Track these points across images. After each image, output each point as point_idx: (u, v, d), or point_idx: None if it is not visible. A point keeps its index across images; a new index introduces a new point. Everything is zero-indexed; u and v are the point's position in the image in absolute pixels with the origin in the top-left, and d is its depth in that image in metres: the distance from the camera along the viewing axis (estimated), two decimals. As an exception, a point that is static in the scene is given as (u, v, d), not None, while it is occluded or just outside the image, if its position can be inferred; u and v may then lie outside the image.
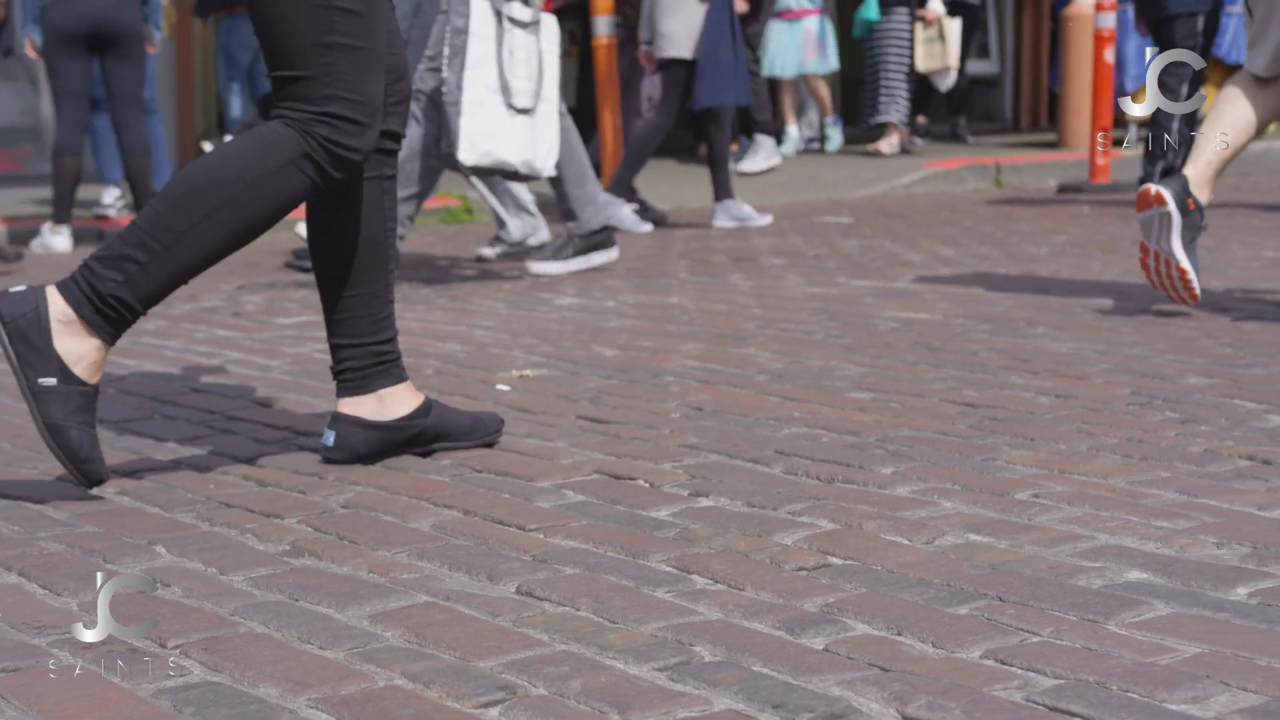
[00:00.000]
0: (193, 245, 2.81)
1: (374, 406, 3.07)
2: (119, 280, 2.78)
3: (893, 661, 1.99)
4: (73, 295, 2.78)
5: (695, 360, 4.12)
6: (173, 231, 2.79)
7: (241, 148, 2.86)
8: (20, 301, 2.76)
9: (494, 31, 5.59)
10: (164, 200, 2.82)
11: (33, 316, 2.75)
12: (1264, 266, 5.84)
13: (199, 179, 2.83)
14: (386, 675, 1.97)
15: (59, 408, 2.75)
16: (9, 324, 2.75)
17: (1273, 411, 3.36)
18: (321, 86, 2.85)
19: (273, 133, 2.86)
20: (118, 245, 2.80)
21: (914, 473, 2.92)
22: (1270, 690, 1.86)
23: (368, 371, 3.08)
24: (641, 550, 2.48)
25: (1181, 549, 2.43)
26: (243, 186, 2.82)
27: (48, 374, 2.75)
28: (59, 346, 2.76)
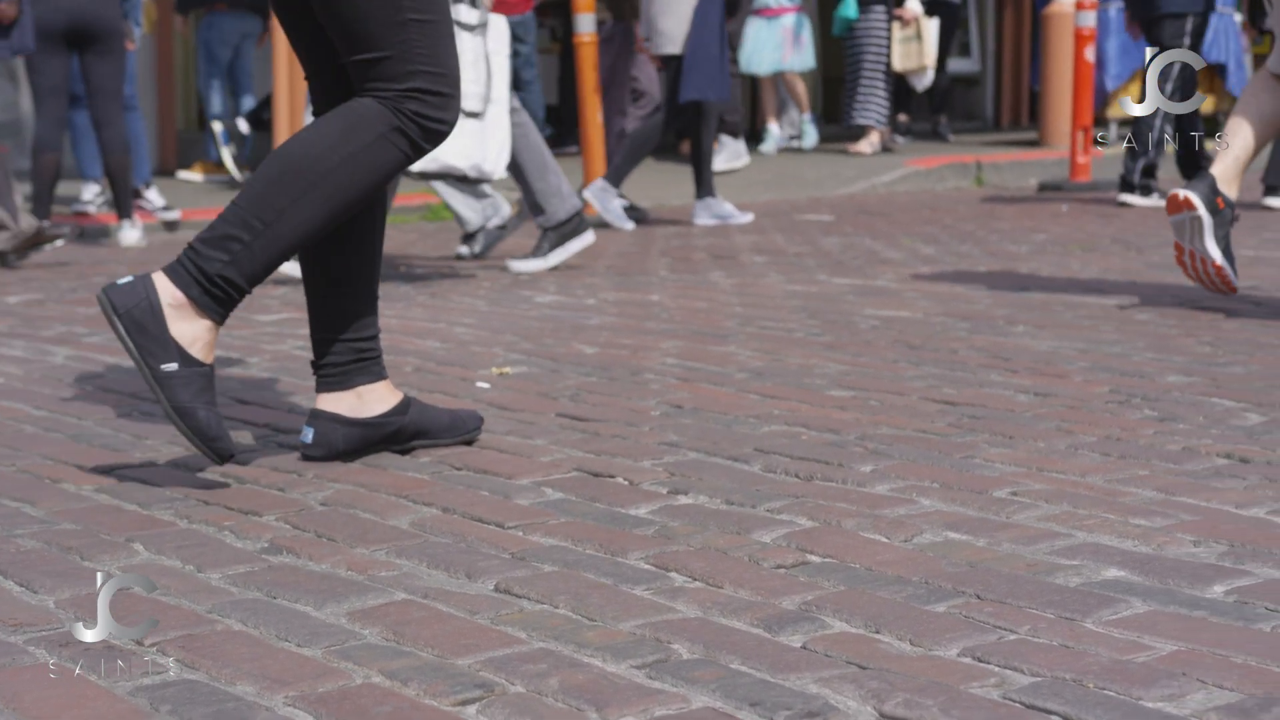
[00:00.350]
0: (294, 221, 2.85)
1: (353, 403, 3.07)
2: (225, 260, 2.82)
3: (870, 659, 1.99)
4: (181, 278, 2.81)
5: (675, 358, 4.13)
6: (274, 209, 2.84)
7: (334, 124, 2.90)
8: (130, 292, 2.79)
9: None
10: (262, 179, 2.87)
11: (145, 305, 2.79)
12: (1242, 265, 5.85)
13: (295, 156, 2.87)
14: (364, 673, 1.97)
15: (184, 391, 2.80)
16: (124, 315, 2.78)
17: (1250, 410, 3.37)
18: (403, 64, 2.89)
19: (364, 108, 2.91)
20: (221, 226, 2.84)
21: (893, 471, 2.93)
22: (1246, 688, 1.87)
23: (349, 367, 3.08)
24: (620, 548, 2.48)
25: (1159, 547, 2.44)
26: (337, 161, 2.87)
27: (168, 360, 2.80)
28: (174, 331, 2.80)
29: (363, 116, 2.90)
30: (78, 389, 3.86)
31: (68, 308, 5.36)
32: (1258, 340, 4.21)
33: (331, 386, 3.08)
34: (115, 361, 4.23)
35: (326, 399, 3.07)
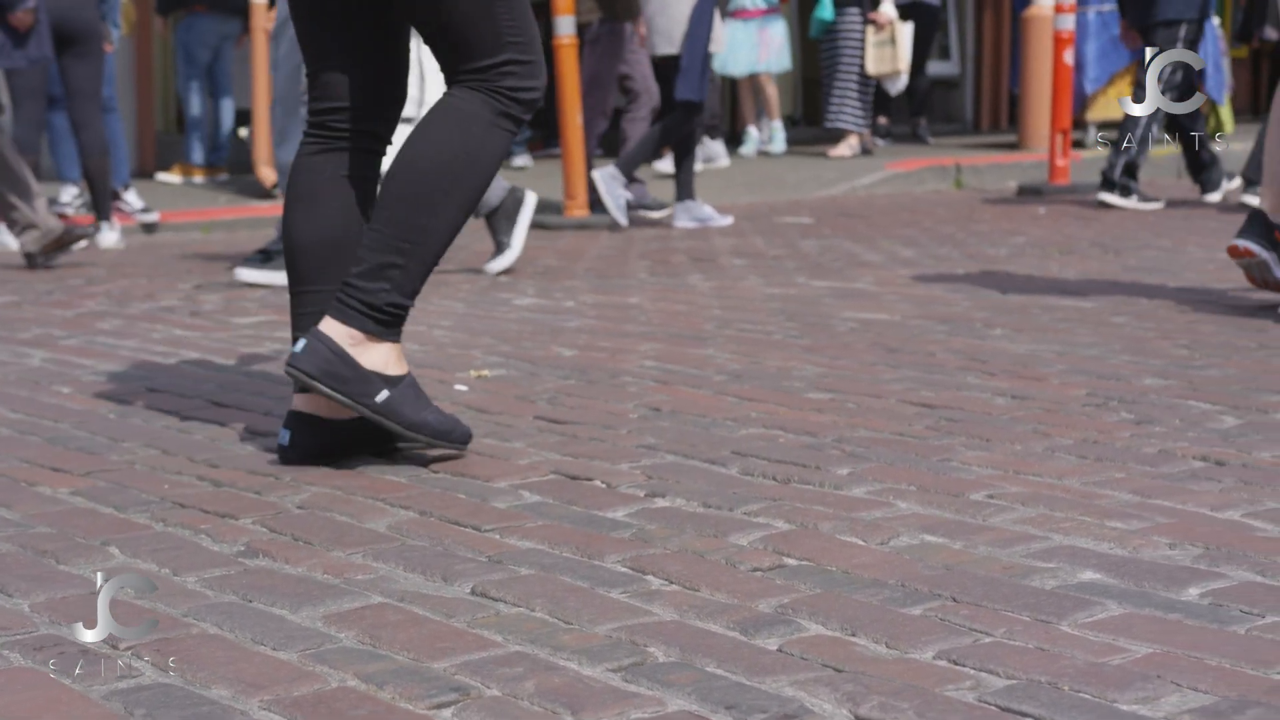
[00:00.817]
0: (440, 232, 2.98)
1: (330, 404, 3.05)
2: (387, 288, 2.96)
3: (846, 662, 1.99)
4: (350, 317, 2.96)
5: (653, 361, 4.13)
6: (418, 227, 2.95)
7: (444, 128, 2.98)
8: (313, 354, 2.94)
9: None
10: (394, 201, 2.97)
11: (331, 358, 2.94)
12: (1220, 268, 5.87)
13: (421, 170, 2.97)
14: (339, 676, 1.97)
15: (404, 408, 2.98)
16: (322, 377, 2.93)
17: (1227, 412, 3.38)
18: (495, 37, 2.97)
19: (462, 102, 2.99)
20: (373, 256, 2.95)
21: (870, 473, 2.93)
22: (1220, 690, 1.88)
23: None
24: (597, 551, 2.48)
25: (1134, 550, 2.44)
26: (462, 165, 2.97)
27: (377, 391, 2.96)
28: (367, 364, 2.96)
29: (468, 113, 2.98)
30: (54, 392, 3.85)
31: (44, 310, 5.34)
32: (1234, 343, 4.23)
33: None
34: (92, 363, 4.22)
35: (304, 399, 3.05)
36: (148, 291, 5.73)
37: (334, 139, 3.09)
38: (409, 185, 2.96)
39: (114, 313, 5.22)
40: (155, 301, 5.50)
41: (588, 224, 8.02)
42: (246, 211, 8.35)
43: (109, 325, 4.95)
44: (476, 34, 2.97)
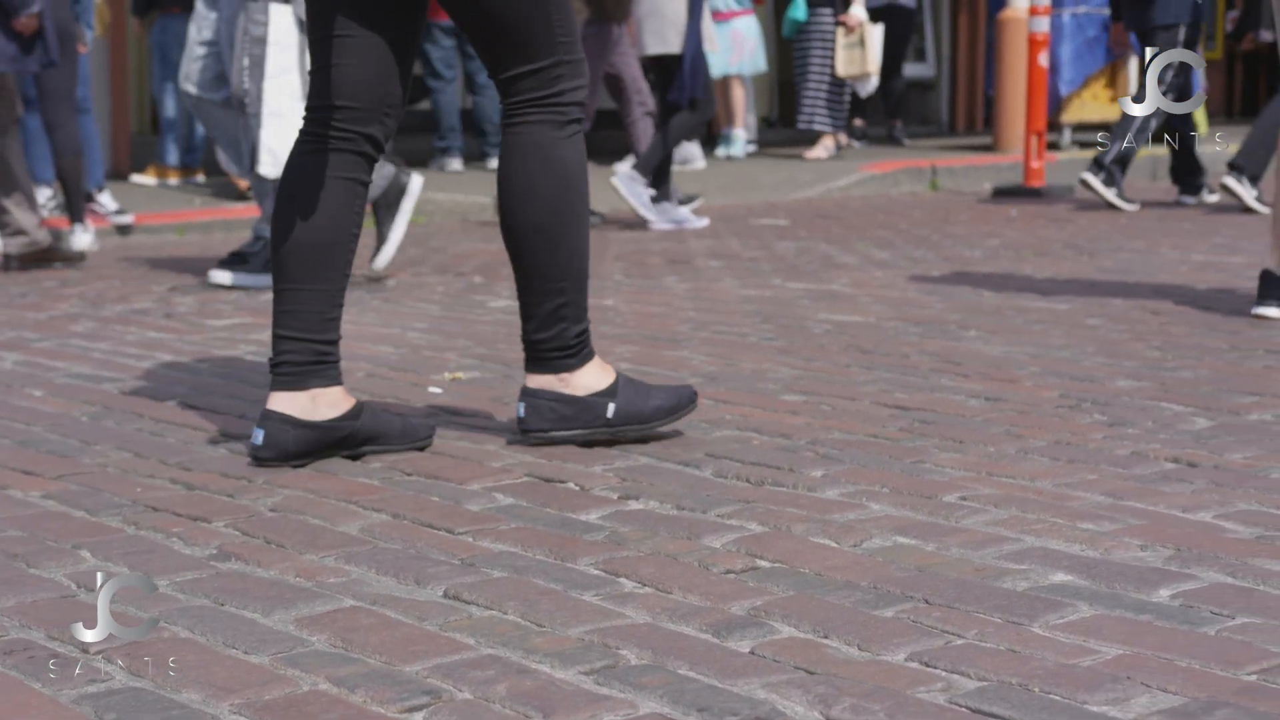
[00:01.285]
0: (579, 253, 3.14)
1: (305, 405, 3.05)
2: (565, 324, 3.15)
3: (818, 664, 2.00)
4: (549, 365, 3.16)
5: (628, 362, 4.13)
6: (560, 264, 3.12)
7: (532, 166, 3.10)
8: (537, 412, 3.16)
9: (296, 39, 5.50)
10: (528, 250, 3.12)
11: (552, 406, 3.15)
12: (1193, 270, 5.90)
13: (535, 217, 3.10)
14: (311, 680, 1.96)
15: (634, 408, 3.18)
16: (555, 427, 3.15)
17: (1199, 414, 3.40)
18: (554, 37, 3.07)
19: (531, 135, 3.10)
20: (540, 309, 3.14)
21: (843, 475, 2.93)
22: (1189, 691, 1.88)
23: (306, 368, 3.08)
24: (570, 553, 2.48)
25: (1106, 551, 2.45)
26: (562, 189, 3.11)
27: (604, 410, 3.16)
28: (582, 393, 3.16)
29: (542, 143, 3.10)
30: (26, 394, 3.84)
31: (17, 312, 5.32)
32: (1206, 345, 4.24)
33: (286, 386, 3.06)
34: (65, 366, 4.21)
35: (279, 399, 3.05)
36: (121, 294, 5.72)
37: (331, 139, 3.10)
38: (532, 234, 3.11)
39: (87, 315, 5.21)
40: (129, 304, 5.48)
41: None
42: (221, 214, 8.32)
43: (82, 328, 4.93)
44: (531, 34, 3.06)
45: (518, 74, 3.09)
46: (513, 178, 3.12)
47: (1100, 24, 11.86)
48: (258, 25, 5.51)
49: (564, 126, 3.11)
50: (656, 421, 3.20)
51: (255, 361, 4.26)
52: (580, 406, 3.15)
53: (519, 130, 3.12)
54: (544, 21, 3.06)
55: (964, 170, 10.95)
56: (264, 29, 5.50)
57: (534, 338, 3.16)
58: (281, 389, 3.07)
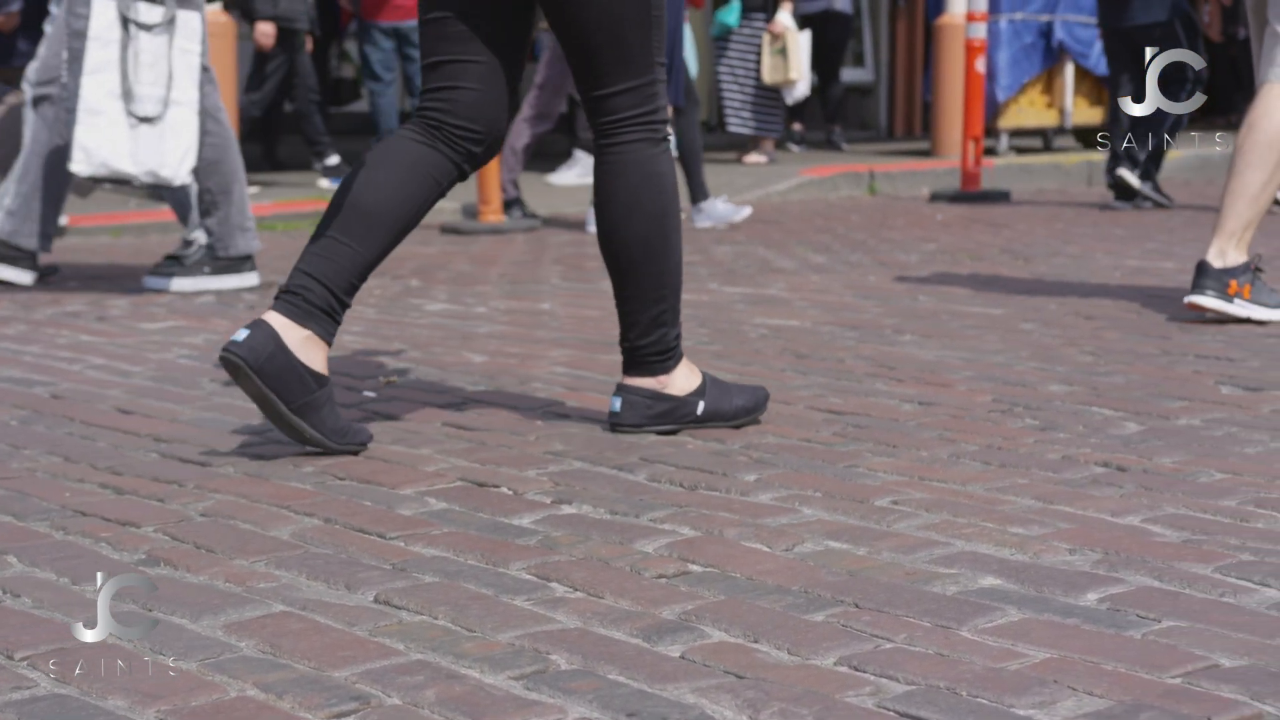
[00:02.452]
0: (675, 263, 3.32)
1: (296, 341, 3.10)
2: (666, 329, 3.34)
3: (748, 669, 2.00)
4: (653, 368, 3.33)
5: (564, 366, 4.12)
6: (659, 273, 3.30)
7: (631, 183, 3.26)
8: (634, 408, 3.33)
9: (118, 35, 5.41)
10: (629, 263, 3.30)
11: (649, 403, 3.32)
12: (1126, 275, 5.94)
13: (636, 231, 3.27)
14: (238, 686, 1.95)
15: (720, 406, 3.35)
16: (651, 422, 3.32)
17: (1129, 419, 3.42)
18: (651, 55, 3.24)
19: (628, 154, 3.27)
20: (643, 316, 3.32)
21: (776, 480, 2.94)
22: (1115, 695, 1.90)
23: (314, 310, 3.14)
24: (502, 558, 2.47)
25: (1035, 555, 2.46)
26: (661, 204, 3.29)
27: (695, 407, 3.34)
28: (677, 392, 3.34)
29: (638, 161, 3.27)
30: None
31: (-52, 315, 5.27)
32: (1138, 350, 4.27)
33: (288, 314, 3.12)
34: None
35: (276, 319, 3.11)
36: (53, 297, 5.67)
37: (442, 143, 3.23)
38: (637, 249, 3.28)
39: (18, 318, 5.16)
40: (60, 307, 5.43)
41: (501, 229, 8.01)
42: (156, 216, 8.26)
43: (13, 330, 4.89)
44: (631, 52, 3.22)
45: (615, 91, 3.24)
46: (616, 196, 3.28)
47: (1037, 30, 11.95)
48: (78, 19, 5.42)
49: (658, 144, 3.29)
50: (739, 419, 3.37)
51: (188, 365, 4.23)
52: (676, 405, 3.32)
53: (618, 150, 3.27)
54: (644, 39, 3.21)
55: (902, 175, 11.00)
56: (85, 23, 5.40)
57: (636, 344, 3.34)
58: (282, 314, 3.11)
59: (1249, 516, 2.66)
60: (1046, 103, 12.22)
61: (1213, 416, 3.43)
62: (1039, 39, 11.93)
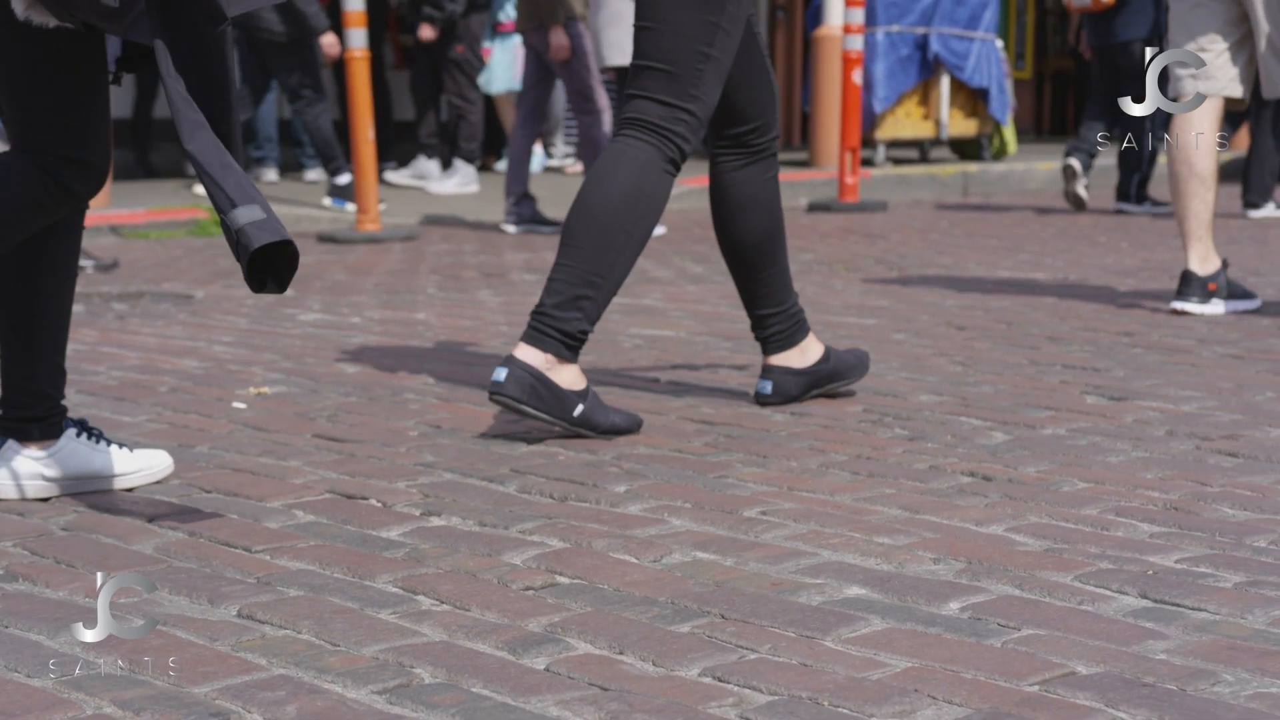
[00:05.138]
0: (623, 267, 3.36)
1: (797, 357, 3.71)
2: (579, 316, 3.34)
3: (612, 680, 2.00)
4: (547, 344, 3.32)
5: (437, 378, 4.11)
6: (607, 263, 3.33)
7: (625, 174, 3.37)
8: (517, 380, 3.29)
9: None
10: (583, 240, 3.34)
11: (533, 382, 3.30)
12: (998, 285, 6.02)
13: (608, 213, 3.34)
14: (95, 703, 1.92)
15: (595, 415, 3.35)
16: (527, 399, 3.28)
17: (996, 428, 3.47)
18: (690, 87, 3.39)
19: (642, 151, 3.39)
20: (565, 289, 3.32)
21: (646, 490, 2.95)
22: (973, 703, 1.92)
23: (791, 329, 3.70)
24: (369, 571, 2.46)
25: (900, 565, 2.49)
26: (643, 205, 3.37)
27: (574, 407, 3.32)
28: (562, 384, 3.31)
29: (644, 161, 3.38)
30: None
31: None
32: (1007, 361, 4.33)
33: (781, 347, 3.70)
34: None
35: (778, 357, 3.70)
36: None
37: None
38: (596, 226, 3.33)
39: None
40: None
41: (379, 238, 7.97)
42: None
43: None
44: (676, 72, 3.37)
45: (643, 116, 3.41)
46: (608, 171, 3.39)
47: (913, 43, 12.07)
48: None
49: (668, 160, 3.42)
50: (595, 433, 3.35)
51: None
52: (555, 396, 3.31)
53: (626, 140, 3.41)
54: (698, 76, 3.39)
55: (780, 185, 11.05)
56: None
57: (548, 310, 3.34)
58: (778, 350, 3.70)
59: (1109, 525, 2.71)
60: (923, 114, 12.35)
61: (1077, 426, 3.48)
62: (915, 51, 12.05)
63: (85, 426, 2.95)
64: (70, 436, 2.91)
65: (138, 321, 5.14)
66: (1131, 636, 2.15)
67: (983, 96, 12.33)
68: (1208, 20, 5.08)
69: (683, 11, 3.36)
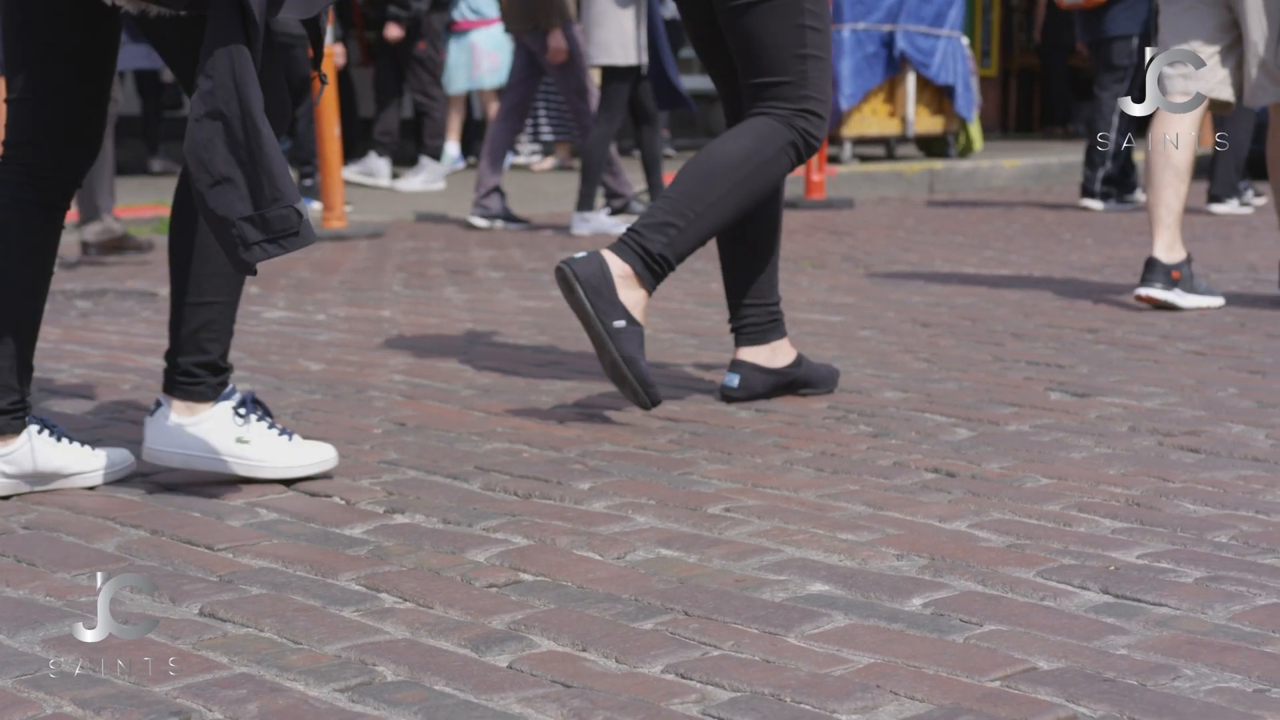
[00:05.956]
0: (715, 215, 3.51)
1: (768, 355, 3.74)
2: (664, 241, 3.45)
3: (575, 678, 2.00)
4: (627, 255, 3.43)
5: (402, 375, 4.10)
6: (703, 202, 3.48)
7: (747, 138, 3.54)
8: (587, 263, 3.38)
9: None
10: (690, 178, 3.51)
11: (600, 274, 3.37)
12: (963, 281, 6.03)
13: (719, 162, 3.52)
14: (55, 703, 1.91)
15: (629, 344, 3.39)
16: (583, 281, 3.35)
17: (960, 425, 3.48)
18: (799, 89, 3.57)
19: (764, 125, 3.56)
20: (659, 214, 3.48)
21: (611, 488, 2.95)
22: (935, 699, 1.92)
23: (766, 326, 3.76)
24: (331, 569, 2.45)
25: (863, 561, 2.49)
26: (750, 170, 3.53)
27: (618, 318, 3.38)
28: (622, 297, 3.39)
29: (765, 134, 3.55)
30: None
31: None
32: (971, 358, 4.34)
33: (752, 341, 3.75)
34: None
35: (747, 352, 3.74)
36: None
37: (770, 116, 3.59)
38: (706, 169, 3.51)
39: None
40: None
41: (345, 235, 7.95)
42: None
43: None
44: (787, 80, 3.55)
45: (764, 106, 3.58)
46: (737, 133, 3.57)
47: (879, 40, 12.09)
48: None
49: (789, 144, 3.56)
50: (629, 367, 3.39)
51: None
52: (610, 300, 3.39)
53: (760, 117, 3.57)
54: (801, 78, 3.56)
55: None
56: None
57: (638, 228, 3.46)
58: (748, 344, 3.74)
59: (1071, 521, 2.72)
60: (889, 112, 12.37)
61: (1041, 422, 3.49)
62: (881, 49, 12.06)
63: (47, 424, 2.94)
64: (32, 433, 2.89)
65: (101, 319, 5.11)
66: (1092, 632, 2.16)
67: (948, 94, 12.35)
68: (1197, 25, 5.14)
69: (766, 25, 3.53)
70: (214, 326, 2.95)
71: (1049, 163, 12.41)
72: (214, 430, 2.92)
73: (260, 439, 2.93)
